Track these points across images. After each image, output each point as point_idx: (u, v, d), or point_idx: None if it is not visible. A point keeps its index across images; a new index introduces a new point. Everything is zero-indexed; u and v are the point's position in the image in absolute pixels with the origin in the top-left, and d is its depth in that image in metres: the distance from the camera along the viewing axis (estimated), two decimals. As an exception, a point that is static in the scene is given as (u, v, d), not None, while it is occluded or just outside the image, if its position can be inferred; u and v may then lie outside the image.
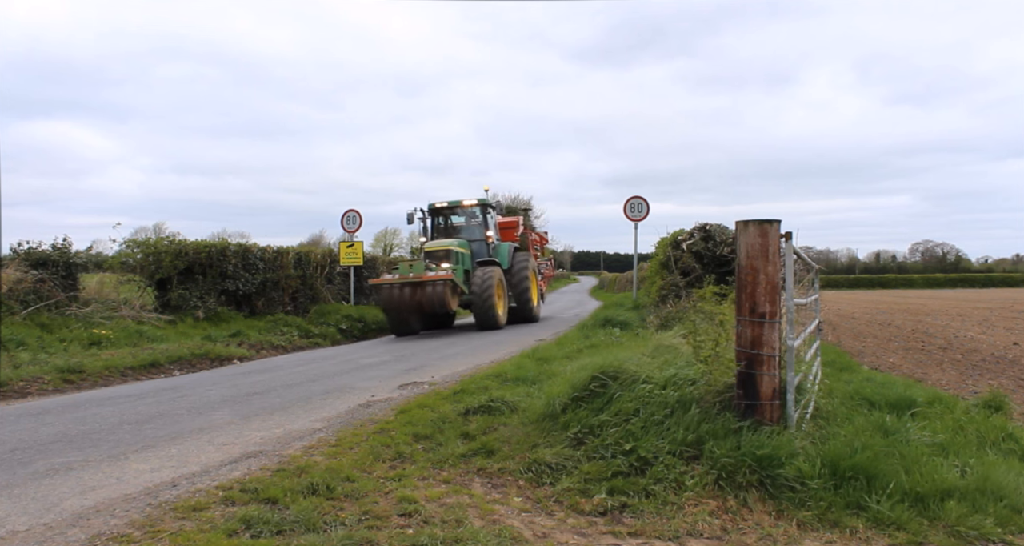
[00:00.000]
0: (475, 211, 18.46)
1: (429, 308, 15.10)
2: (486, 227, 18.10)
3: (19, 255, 13.01)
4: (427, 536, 3.39)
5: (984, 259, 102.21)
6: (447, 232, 18.47)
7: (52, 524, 3.64)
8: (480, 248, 17.75)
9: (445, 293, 14.81)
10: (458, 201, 18.11)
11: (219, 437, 5.55)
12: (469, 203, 18.05)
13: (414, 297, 14.93)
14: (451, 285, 15.14)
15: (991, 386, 8.33)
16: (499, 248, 18.12)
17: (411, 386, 7.83)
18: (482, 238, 17.93)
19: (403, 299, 15.01)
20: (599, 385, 5.07)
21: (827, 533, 3.61)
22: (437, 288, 14.83)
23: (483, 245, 17.80)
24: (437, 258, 16.34)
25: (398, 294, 15.02)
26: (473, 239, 17.84)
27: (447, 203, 18.21)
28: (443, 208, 18.43)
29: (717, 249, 11.80)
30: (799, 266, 5.51)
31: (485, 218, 18.18)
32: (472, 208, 18.36)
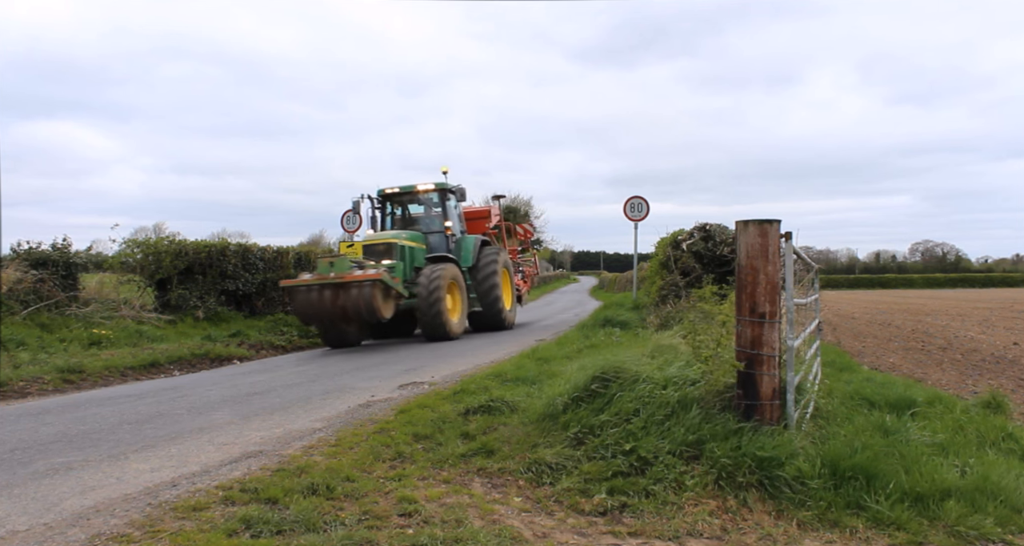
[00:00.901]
0: (432, 197, 15.66)
1: (354, 315, 12.13)
2: (445, 216, 15.40)
3: (19, 255, 13.01)
4: (427, 536, 3.39)
5: (984, 259, 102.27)
6: (405, 223, 15.80)
7: (52, 524, 3.64)
8: (440, 242, 15.17)
9: (373, 297, 11.89)
10: (411, 186, 15.44)
11: (219, 437, 5.55)
12: (424, 188, 15.39)
13: (336, 302, 12.01)
14: (382, 287, 12.19)
15: (991, 386, 8.33)
16: (463, 242, 15.52)
17: (411, 386, 7.83)
18: (441, 230, 15.33)
19: (322, 304, 12.10)
20: (599, 385, 5.07)
21: (827, 533, 3.61)
22: (364, 291, 11.88)
23: (443, 238, 15.21)
24: (376, 254, 13.73)
25: (316, 298, 12.11)
26: (432, 231, 15.28)
27: (399, 188, 15.54)
28: (395, 194, 15.71)
29: (717, 249, 11.81)
30: (799, 266, 5.52)
31: (444, 206, 15.46)
32: (428, 194, 15.61)
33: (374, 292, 11.95)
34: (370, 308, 11.94)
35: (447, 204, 15.50)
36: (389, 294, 12.62)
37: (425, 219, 15.66)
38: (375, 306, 11.95)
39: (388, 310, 12.54)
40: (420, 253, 14.54)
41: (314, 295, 12.16)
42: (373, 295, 11.93)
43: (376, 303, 11.96)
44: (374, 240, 14.10)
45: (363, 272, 12.27)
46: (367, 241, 14.15)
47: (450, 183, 15.56)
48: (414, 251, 14.34)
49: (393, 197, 15.84)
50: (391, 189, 15.58)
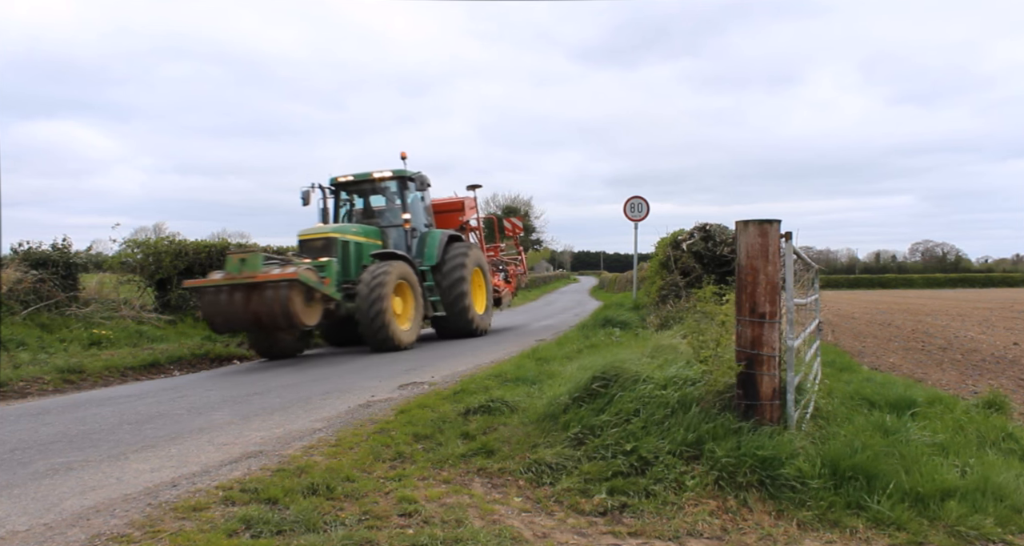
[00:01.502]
0: (389, 186, 13.82)
1: (269, 321, 10.35)
2: (403, 208, 13.63)
3: (19, 255, 13.02)
4: (427, 536, 3.39)
5: (984, 259, 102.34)
6: (367, 217, 14.11)
7: (52, 524, 3.64)
8: (401, 237, 13.53)
9: (290, 300, 10.11)
10: (367, 174, 13.71)
11: (219, 437, 5.55)
12: (380, 175, 13.60)
13: (248, 306, 10.23)
14: (301, 289, 10.39)
15: (991, 386, 8.33)
16: (427, 237, 13.86)
17: (411, 386, 7.83)
18: (398, 223, 13.63)
19: (233, 308, 10.29)
20: (600, 385, 5.07)
21: (827, 533, 3.61)
22: (280, 292, 10.09)
23: (404, 233, 13.57)
24: (313, 250, 12.05)
25: (226, 301, 10.30)
26: (392, 225, 13.65)
27: (352, 176, 13.79)
28: (349, 183, 13.88)
29: (717, 249, 11.81)
30: (799, 266, 5.52)
31: (402, 196, 13.66)
32: (384, 183, 13.78)
33: (291, 295, 10.15)
34: (287, 313, 10.17)
35: (406, 194, 13.71)
36: (313, 297, 10.76)
37: (388, 212, 13.91)
38: (292, 311, 10.16)
39: (311, 316, 10.73)
40: (372, 250, 12.89)
41: (223, 297, 10.31)
42: (290, 298, 10.13)
43: (293, 307, 10.16)
44: (310, 234, 12.35)
45: (281, 271, 10.43)
46: (303, 235, 12.45)
47: (410, 170, 13.78)
48: (361, 247, 12.60)
49: (347, 186, 14.02)
50: (344, 177, 13.84)
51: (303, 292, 10.45)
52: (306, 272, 10.50)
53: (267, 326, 10.57)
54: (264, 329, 10.85)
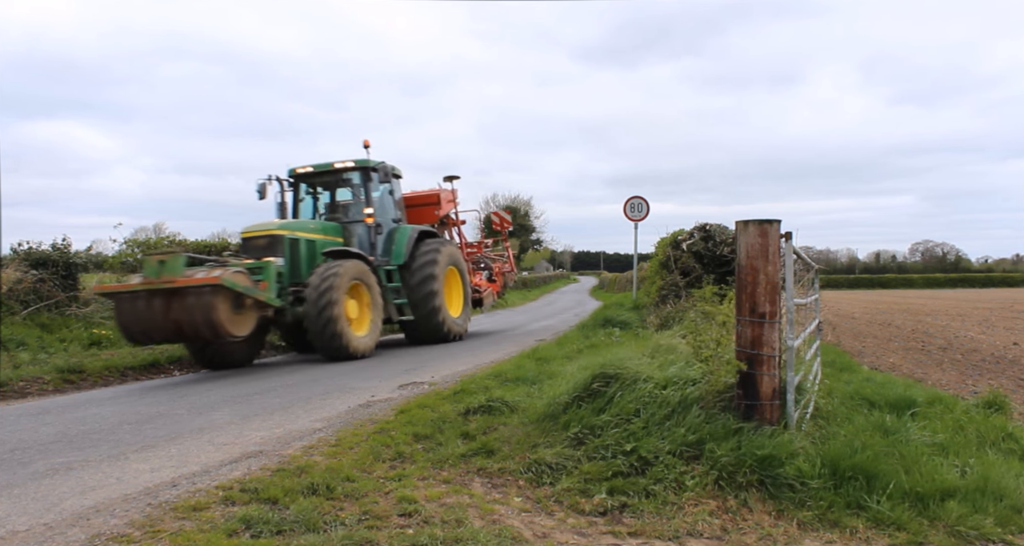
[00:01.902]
0: (352, 178, 12.66)
1: (191, 331, 9.06)
2: (366, 201, 12.42)
3: (19, 255, 13.02)
4: (427, 536, 3.39)
5: (984, 259, 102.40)
6: (333, 212, 13.06)
7: (52, 524, 3.64)
8: (366, 234, 12.44)
9: (214, 309, 8.85)
10: (328, 164, 12.63)
11: (219, 437, 5.55)
12: (341, 166, 12.49)
13: (167, 314, 8.97)
14: (227, 295, 9.12)
15: (991, 386, 8.33)
16: (395, 233, 12.80)
17: (411, 386, 7.83)
18: (361, 218, 12.44)
19: (151, 316, 9.03)
20: (600, 385, 5.07)
21: (827, 533, 3.61)
22: (202, 299, 8.84)
23: (368, 229, 12.45)
24: (256, 249, 10.81)
25: (143, 308, 9.03)
26: (357, 220, 12.50)
27: (312, 167, 12.69)
28: (309, 175, 12.77)
29: (717, 249, 11.81)
30: (799, 266, 5.52)
31: (366, 188, 12.49)
32: (347, 174, 12.62)
33: (214, 302, 8.86)
34: (209, 322, 8.89)
35: (369, 186, 12.51)
36: (242, 304, 9.48)
37: (352, 207, 12.76)
38: (215, 320, 8.88)
39: (241, 325, 9.46)
40: (323, 247, 11.57)
41: (140, 304, 9.05)
42: (213, 305, 8.84)
43: (216, 316, 8.88)
44: (253, 231, 11.02)
45: (205, 274, 9.10)
46: (245, 232, 11.15)
47: (373, 159, 12.54)
48: (315, 246, 11.37)
49: (307, 178, 12.88)
50: (303, 168, 12.74)
51: (230, 298, 9.22)
52: (234, 275, 9.27)
53: (189, 336, 9.38)
54: (187, 340, 9.71)
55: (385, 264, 12.39)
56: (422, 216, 14.31)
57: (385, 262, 12.45)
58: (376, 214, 12.45)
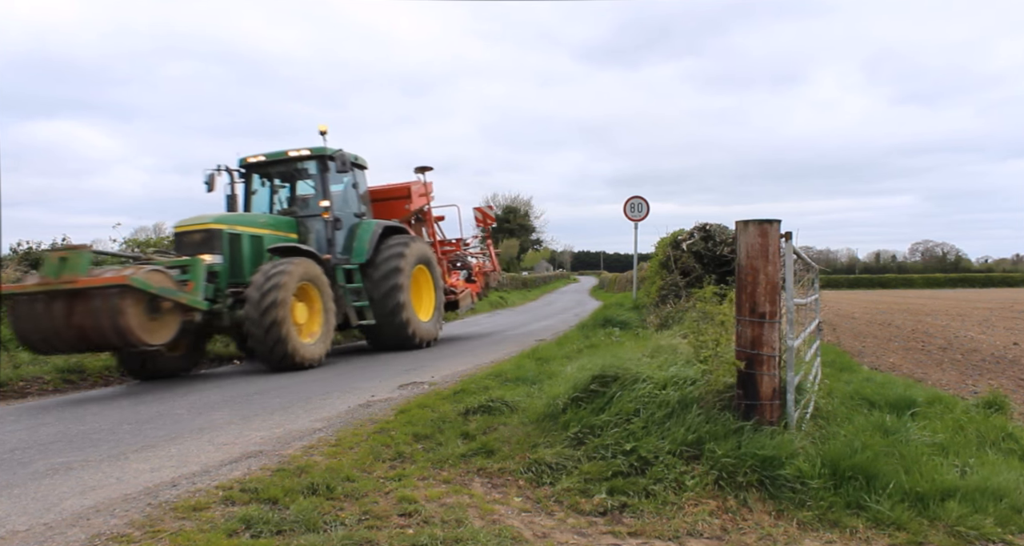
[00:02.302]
0: (308, 168, 11.65)
1: (97, 339, 7.94)
2: (323, 194, 11.36)
3: (18, 255, 13.01)
4: (427, 536, 3.39)
5: (984, 259, 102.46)
6: (292, 204, 12.04)
7: (52, 524, 3.64)
8: (325, 229, 11.34)
9: (122, 313, 7.73)
10: (282, 152, 11.50)
11: (219, 437, 5.56)
12: (296, 154, 11.43)
13: (70, 319, 7.82)
14: (140, 297, 7.96)
15: (991, 386, 8.34)
16: (357, 229, 11.76)
17: (411, 386, 7.83)
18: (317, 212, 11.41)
19: (52, 323, 7.88)
20: (599, 385, 5.07)
21: (827, 533, 3.61)
22: (109, 302, 7.71)
23: (325, 224, 11.33)
24: (191, 245, 9.69)
25: (42, 313, 7.90)
26: (314, 214, 11.48)
27: (264, 156, 11.56)
28: (262, 164, 11.65)
29: (717, 249, 11.81)
30: (799, 266, 5.52)
31: (322, 179, 11.38)
32: (303, 164, 11.60)
33: (122, 305, 7.72)
34: (118, 329, 7.73)
35: (326, 177, 11.41)
36: (159, 307, 8.24)
37: (311, 200, 11.79)
38: (125, 326, 7.72)
39: (158, 332, 8.23)
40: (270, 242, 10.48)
41: (39, 308, 7.88)
42: (121, 309, 7.71)
43: (126, 321, 7.72)
44: (187, 226, 9.90)
45: (114, 273, 7.96)
46: (179, 227, 10.02)
47: (330, 147, 11.39)
48: (262, 242, 10.31)
49: (260, 168, 11.75)
50: (255, 157, 11.61)
51: (142, 301, 8.01)
52: (148, 275, 8.09)
53: (96, 345, 8.23)
54: (94, 348, 8.50)
55: (345, 262, 11.36)
56: (391, 211, 13.17)
57: (345, 260, 11.39)
58: (335, 207, 11.40)
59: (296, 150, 11.44)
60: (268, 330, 9.14)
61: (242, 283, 9.70)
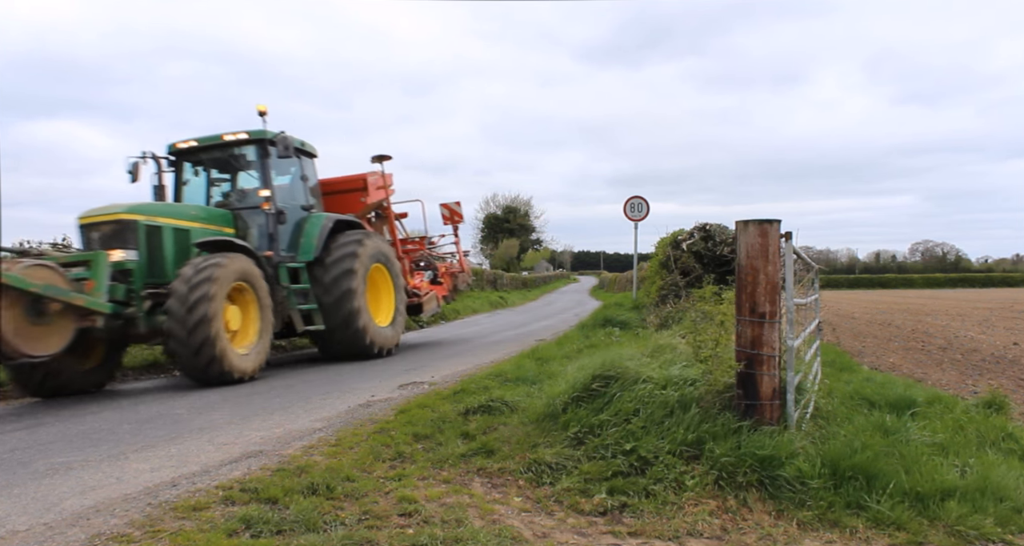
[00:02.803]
0: (246, 154, 10.25)
1: None
2: (264, 182, 10.09)
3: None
4: (427, 536, 3.39)
5: (984, 259, 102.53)
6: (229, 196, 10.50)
7: (52, 524, 3.64)
8: (266, 223, 9.95)
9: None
10: (216, 136, 10.16)
11: (219, 437, 5.56)
12: (232, 139, 10.06)
13: None
14: (16, 298, 6.79)
15: (991, 386, 8.33)
16: (304, 223, 10.47)
17: (411, 386, 7.83)
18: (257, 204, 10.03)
19: None
20: (599, 385, 5.07)
21: (827, 533, 3.61)
22: None
23: (267, 217, 9.93)
24: (100, 239, 8.37)
25: None
26: (253, 206, 10.06)
27: (196, 141, 10.22)
28: (194, 151, 10.28)
29: (717, 249, 11.81)
30: (799, 266, 5.52)
31: (263, 166, 10.07)
32: (241, 149, 10.23)
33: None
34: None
35: (267, 164, 10.06)
36: (44, 311, 7.03)
37: (250, 191, 10.42)
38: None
39: (41, 341, 6.99)
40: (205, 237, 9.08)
41: None
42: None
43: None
44: (93, 216, 8.49)
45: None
46: (83, 218, 8.53)
47: (270, 130, 10.07)
48: (188, 236, 8.97)
49: (192, 155, 10.37)
50: (185, 142, 10.26)
51: (21, 303, 6.79)
52: (28, 270, 6.81)
53: None
54: None
55: (290, 260, 10.09)
56: (345, 205, 11.95)
57: (290, 258, 10.15)
58: (279, 199, 10.07)
59: (232, 133, 10.09)
60: (194, 329, 7.82)
61: (163, 283, 8.39)
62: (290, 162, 10.65)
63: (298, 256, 10.30)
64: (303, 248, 10.35)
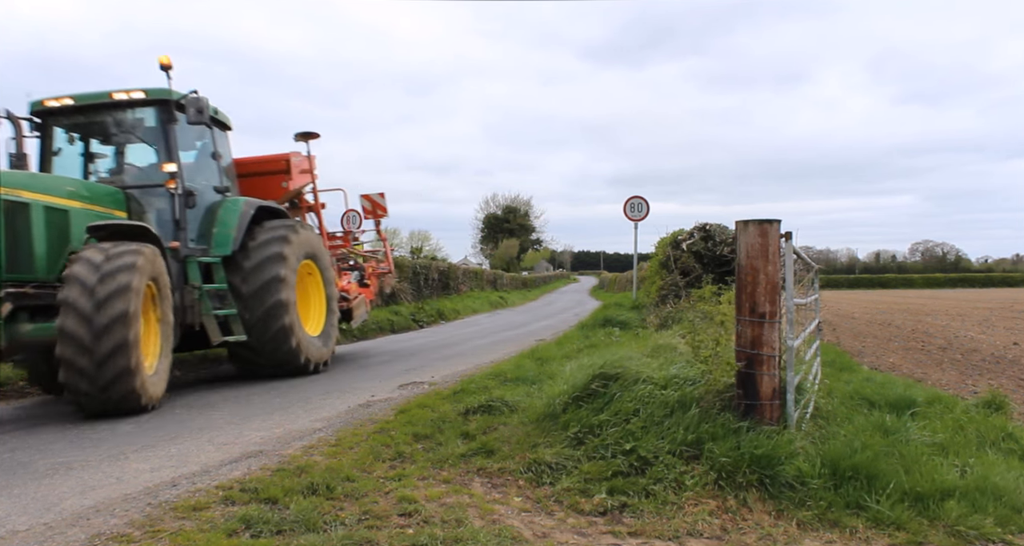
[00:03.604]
0: (143, 119, 8.25)
1: None
2: (168, 154, 8.03)
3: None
4: (427, 536, 3.39)
5: (984, 259, 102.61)
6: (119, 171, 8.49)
7: (52, 524, 3.64)
8: (168, 206, 8.00)
9: None
10: (102, 94, 8.04)
11: (219, 437, 5.56)
12: (125, 97, 7.99)
13: None
14: None
15: (991, 386, 8.34)
16: (218, 208, 8.54)
17: (411, 386, 7.83)
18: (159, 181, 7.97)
19: None
20: (599, 385, 5.07)
21: (827, 533, 3.61)
22: None
23: (172, 200, 7.96)
24: None
25: None
26: (150, 184, 8.05)
27: (73, 99, 8.05)
28: (69, 111, 8.13)
29: (717, 249, 11.81)
30: (799, 266, 5.52)
31: (166, 135, 8.05)
32: (134, 111, 8.21)
33: None
34: None
35: (171, 132, 8.04)
36: None
37: (145, 165, 8.47)
38: None
39: None
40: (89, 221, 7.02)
41: None
42: None
43: None
44: None
45: None
46: None
47: (176, 90, 8.07)
48: (67, 218, 6.91)
49: (65, 118, 8.18)
50: (57, 100, 8.04)
51: None
52: None
53: None
54: None
55: (201, 254, 8.18)
56: (263, 190, 9.88)
57: (201, 251, 8.22)
58: (185, 177, 8.05)
59: (124, 91, 8.00)
60: (106, 360, 6.03)
61: (28, 280, 6.54)
62: (199, 133, 8.65)
63: (212, 249, 8.30)
64: (217, 239, 8.34)
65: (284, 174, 10.30)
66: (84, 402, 6.32)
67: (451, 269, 28.60)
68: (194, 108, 7.84)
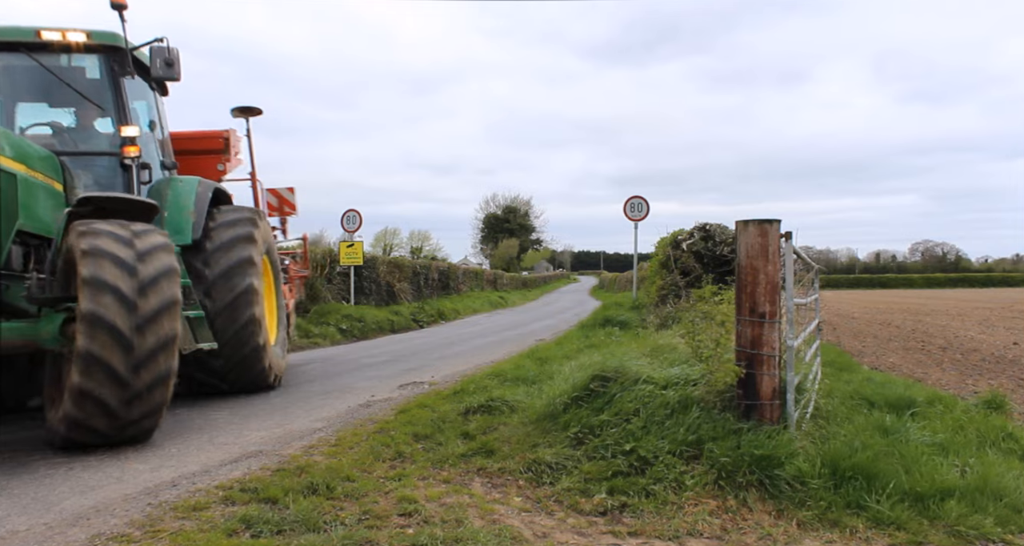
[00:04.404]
0: (83, 68, 6.63)
1: None
2: (119, 116, 6.51)
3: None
4: (427, 536, 3.39)
5: (984, 259, 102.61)
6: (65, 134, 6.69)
7: (52, 524, 3.64)
8: (108, 177, 6.51)
9: None
10: (27, 30, 6.30)
11: (219, 437, 5.56)
12: (58, 38, 6.27)
13: None
14: None
15: (991, 386, 8.34)
16: (167, 189, 6.97)
17: (411, 386, 7.83)
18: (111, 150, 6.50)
19: None
20: (599, 385, 5.07)
21: (827, 533, 3.61)
22: None
23: (114, 169, 6.51)
24: None
25: None
26: (86, 151, 6.58)
27: None
28: None
29: (717, 249, 11.81)
30: (799, 266, 5.52)
31: (115, 90, 6.54)
32: (72, 60, 6.58)
33: None
34: None
35: (122, 86, 6.61)
36: None
37: (78, 128, 6.77)
38: None
39: None
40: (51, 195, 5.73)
41: None
42: None
43: None
44: None
45: None
46: None
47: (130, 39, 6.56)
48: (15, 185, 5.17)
49: None
50: None
51: None
52: None
53: None
54: None
55: None
56: (197, 170, 7.99)
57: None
58: (138, 140, 6.54)
59: (59, 30, 6.32)
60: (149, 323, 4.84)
61: None
62: (140, 94, 7.12)
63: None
64: (172, 225, 6.78)
65: (221, 154, 8.73)
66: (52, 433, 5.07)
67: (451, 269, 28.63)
68: (161, 60, 6.47)
